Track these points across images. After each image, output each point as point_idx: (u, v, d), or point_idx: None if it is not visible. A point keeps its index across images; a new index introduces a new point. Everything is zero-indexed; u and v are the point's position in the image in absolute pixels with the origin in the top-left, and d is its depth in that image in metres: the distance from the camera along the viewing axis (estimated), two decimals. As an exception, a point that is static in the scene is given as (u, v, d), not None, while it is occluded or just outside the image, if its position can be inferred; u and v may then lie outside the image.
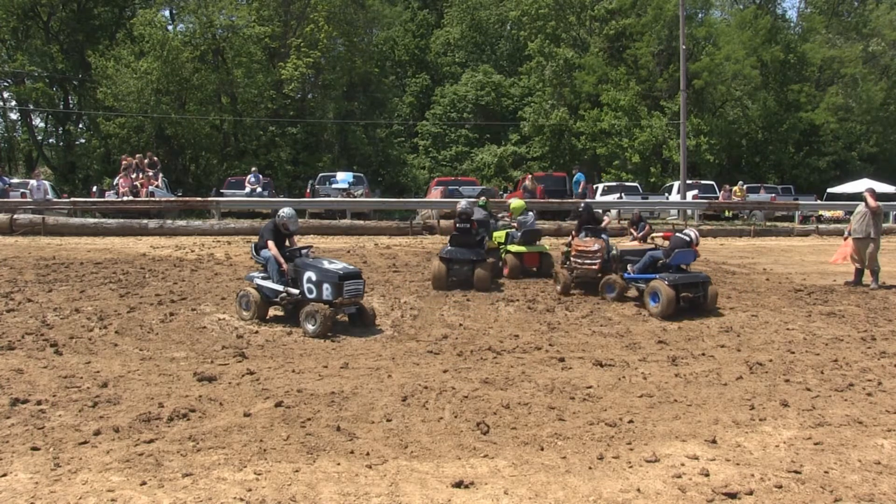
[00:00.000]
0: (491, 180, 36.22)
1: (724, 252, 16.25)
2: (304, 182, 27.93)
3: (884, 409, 5.43)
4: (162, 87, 30.32)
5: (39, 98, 32.69)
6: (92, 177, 31.74)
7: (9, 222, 17.32)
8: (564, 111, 35.80)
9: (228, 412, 5.16)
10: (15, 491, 3.83)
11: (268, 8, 33.80)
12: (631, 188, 27.54)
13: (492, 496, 3.87)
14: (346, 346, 7.37)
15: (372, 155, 36.41)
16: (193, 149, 32.96)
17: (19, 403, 5.25)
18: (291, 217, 8.58)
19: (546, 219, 22.49)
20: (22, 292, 9.65)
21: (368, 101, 38.09)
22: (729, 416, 5.22)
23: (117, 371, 6.21)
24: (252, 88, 32.27)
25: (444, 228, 18.38)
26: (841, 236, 13.63)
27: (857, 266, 11.46)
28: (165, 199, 21.26)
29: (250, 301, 8.38)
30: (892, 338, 7.88)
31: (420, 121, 41.36)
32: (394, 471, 4.17)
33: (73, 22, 33.88)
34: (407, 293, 10.22)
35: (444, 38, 45.04)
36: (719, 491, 3.94)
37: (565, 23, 37.40)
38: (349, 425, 4.90)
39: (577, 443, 4.67)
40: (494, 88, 40.31)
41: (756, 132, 34.75)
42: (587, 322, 8.65)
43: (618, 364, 6.70)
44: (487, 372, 6.35)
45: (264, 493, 3.84)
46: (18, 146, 36.62)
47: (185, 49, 30.79)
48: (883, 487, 4.04)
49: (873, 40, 35.21)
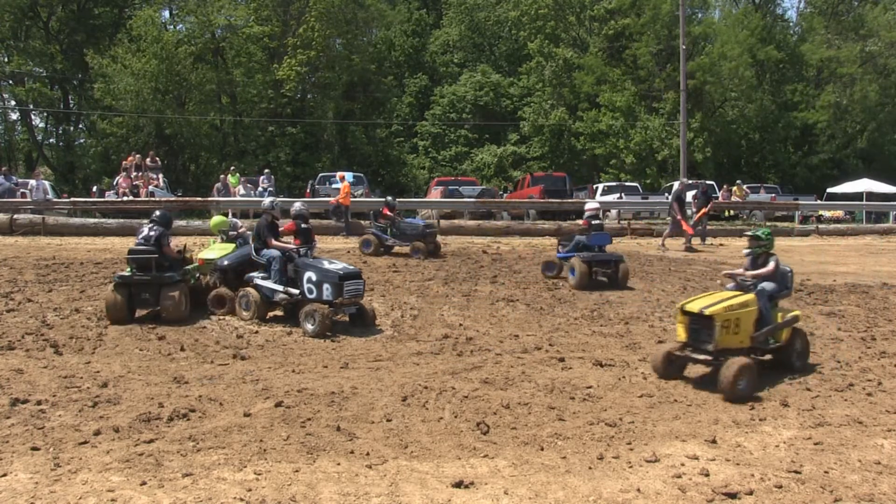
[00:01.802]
0: (491, 180, 36.20)
1: (724, 252, 16.24)
2: (304, 182, 27.91)
3: (884, 409, 5.43)
4: (161, 86, 30.29)
5: (38, 98, 32.68)
6: (91, 177, 31.73)
7: (9, 222, 17.31)
8: (564, 111, 35.81)
9: (228, 412, 5.16)
10: (15, 491, 3.83)
11: (266, 8, 33.78)
12: (631, 188, 27.55)
13: (492, 496, 3.87)
14: (346, 346, 7.37)
15: (372, 155, 36.37)
16: (193, 148, 32.92)
17: (19, 403, 5.25)
18: (279, 203, 9.07)
19: (546, 219, 22.53)
20: (22, 292, 9.64)
21: (368, 101, 38.04)
22: (729, 416, 5.22)
23: (117, 371, 6.21)
24: (251, 88, 32.24)
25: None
26: (841, 236, 13.65)
27: None
28: (165, 199, 21.26)
29: (250, 301, 8.38)
30: (892, 338, 7.88)
31: (419, 121, 41.34)
32: (394, 471, 4.17)
33: (72, 22, 33.87)
34: (407, 293, 10.22)
35: (442, 38, 45.03)
36: (719, 491, 3.94)
37: (565, 23, 37.40)
38: (349, 425, 4.90)
39: (577, 443, 4.67)
40: (493, 88, 40.28)
41: (754, 132, 34.77)
42: (587, 322, 8.65)
43: (618, 364, 6.70)
44: (487, 372, 6.35)
45: (264, 493, 3.84)
46: (18, 146, 36.60)
47: (181, 47, 30.76)
48: (883, 487, 4.05)
49: (871, 40, 35.22)
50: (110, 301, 8.12)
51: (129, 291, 8.20)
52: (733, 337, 5.91)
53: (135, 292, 8.23)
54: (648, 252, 16.05)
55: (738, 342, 5.97)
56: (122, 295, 8.13)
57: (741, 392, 5.54)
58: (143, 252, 8.29)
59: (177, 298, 8.12)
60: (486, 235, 19.09)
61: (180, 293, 8.19)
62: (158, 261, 8.24)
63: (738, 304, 6.01)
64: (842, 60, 34.44)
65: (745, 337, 6.01)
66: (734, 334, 5.92)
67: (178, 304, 8.13)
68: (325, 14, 32.65)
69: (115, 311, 8.08)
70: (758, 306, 6.13)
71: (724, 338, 5.84)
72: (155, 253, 8.25)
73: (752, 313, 6.06)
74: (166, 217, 8.91)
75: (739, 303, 6.03)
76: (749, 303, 6.08)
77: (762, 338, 6.12)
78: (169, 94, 31.06)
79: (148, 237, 8.42)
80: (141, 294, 8.23)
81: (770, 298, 6.34)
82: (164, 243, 8.43)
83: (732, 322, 5.88)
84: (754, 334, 6.05)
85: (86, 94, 33.73)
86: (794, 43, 36.40)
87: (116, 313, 8.07)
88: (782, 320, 6.31)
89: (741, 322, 5.96)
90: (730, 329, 5.87)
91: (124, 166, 22.98)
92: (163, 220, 8.71)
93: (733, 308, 5.95)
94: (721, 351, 5.83)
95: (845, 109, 34.30)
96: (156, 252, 8.26)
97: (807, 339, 6.66)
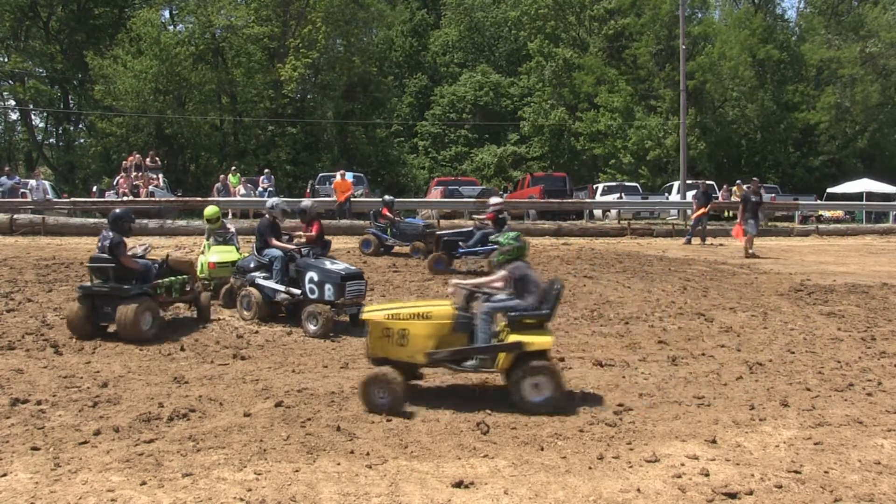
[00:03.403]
0: (491, 180, 36.21)
1: (724, 252, 16.25)
2: (304, 182, 27.91)
3: (884, 409, 5.43)
4: (161, 86, 30.31)
5: (38, 98, 32.68)
6: (91, 177, 31.73)
7: (9, 222, 17.31)
8: (563, 111, 35.82)
9: (228, 412, 5.16)
10: (15, 491, 3.83)
11: (266, 8, 33.80)
12: (631, 188, 27.56)
13: (492, 496, 3.87)
14: (346, 346, 7.37)
15: (372, 155, 36.39)
16: (193, 148, 32.95)
17: (19, 403, 5.25)
18: (279, 203, 8.96)
19: (546, 219, 22.55)
20: (22, 292, 9.65)
21: (368, 102, 38.05)
22: (729, 416, 5.22)
23: (117, 371, 6.21)
24: (251, 88, 32.25)
25: None
26: (841, 236, 13.64)
27: None
28: (165, 199, 21.26)
29: (251, 301, 8.38)
30: (892, 338, 7.88)
31: (419, 121, 41.34)
32: (394, 471, 4.17)
33: (72, 22, 33.89)
34: (407, 293, 10.22)
35: (442, 38, 45.04)
36: (719, 491, 3.94)
37: (565, 23, 37.43)
38: (349, 425, 4.90)
39: (577, 443, 4.67)
40: (493, 88, 40.30)
41: (754, 132, 34.79)
42: (587, 322, 8.65)
43: (618, 364, 6.70)
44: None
45: (264, 493, 3.84)
46: (18, 146, 36.60)
47: (181, 47, 30.77)
48: (883, 487, 4.04)
49: (871, 41, 35.23)
50: (71, 313, 7.40)
51: (93, 303, 7.42)
52: (399, 348, 5.36)
53: (98, 304, 7.41)
54: (648, 252, 16.06)
55: (407, 356, 5.36)
56: (85, 307, 7.37)
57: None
58: (101, 260, 7.44)
59: (128, 315, 7.08)
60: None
61: (136, 308, 7.15)
62: (117, 270, 7.40)
63: (408, 313, 5.40)
64: (842, 61, 34.44)
65: (417, 352, 5.34)
66: (399, 346, 5.35)
67: (132, 322, 7.09)
68: (326, 15, 32.68)
69: (76, 324, 7.34)
70: (453, 321, 5.39)
71: (383, 346, 5.38)
72: (112, 262, 7.38)
73: (432, 327, 5.34)
74: (119, 219, 7.67)
75: (413, 313, 5.39)
76: (437, 315, 5.39)
77: (445, 357, 5.36)
78: (169, 94, 31.08)
79: (103, 246, 7.48)
80: (104, 307, 7.38)
81: (506, 312, 5.45)
82: (120, 253, 7.38)
83: (396, 332, 5.34)
84: (430, 352, 5.32)
85: (86, 94, 33.73)
86: (794, 43, 36.39)
87: (77, 327, 7.33)
88: (500, 342, 5.37)
89: (408, 334, 5.32)
90: (392, 339, 5.34)
91: (124, 166, 22.99)
92: (115, 224, 7.58)
93: (400, 317, 5.38)
94: (381, 360, 5.39)
95: (846, 110, 34.31)
96: (112, 261, 7.38)
97: (559, 379, 5.30)
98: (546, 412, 5.14)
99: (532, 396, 5.23)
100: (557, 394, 5.24)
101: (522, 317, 5.41)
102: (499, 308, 5.48)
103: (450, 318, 5.40)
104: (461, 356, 5.38)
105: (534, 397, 5.22)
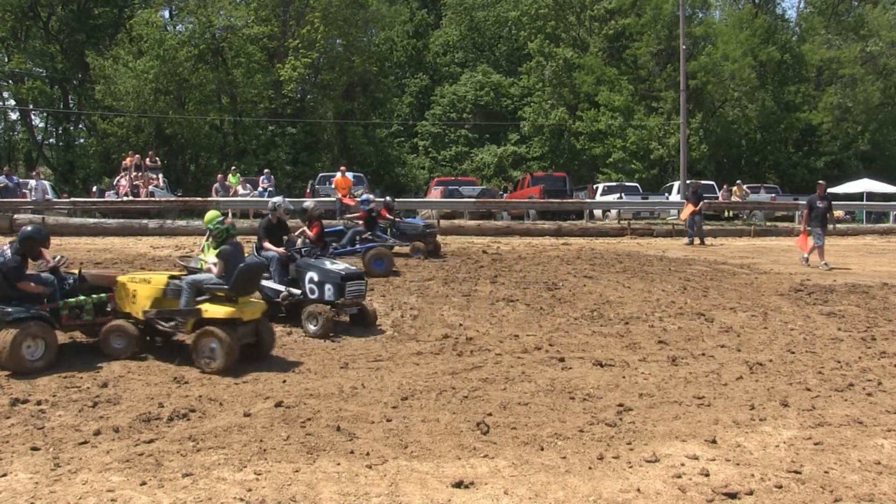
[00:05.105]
0: (491, 180, 36.21)
1: (725, 252, 16.24)
2: (304, 182, 27.90)
3: (884, 409, 5.43)
4: (161, 86, 30.31)
5: (38, 98, 32.67)
6: (91, 177, 31.73)
7: (9, 222, 17.31)
8: (564, 111, 35.81)
9: (228, 412, 5.16)
10: (15, 491, 3.83)
11: (266, 8, 33.80)
12: (631, 188, 27.55)
13: (492, 496, 3.87)
14: (346, 346, 7.37)
15: (372, 155, 36.38)
16: (193, 148, 32.95)
17: (19, 403, 5.25)
18: (282, 203, 8.89)
19: (546, 219, 22.55)
20: (22, 292, 9.63)
21: (368, 102, 38.05)
22: (729, 416, 5.22)
23: (117, 371, 6.20)
24: (251, 88, 32.24)
25: None
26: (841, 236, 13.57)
27: None
28: (165, 199, 21.26)
29: (250, 301, 8.37)
30: (892, 338, 7.87)
31: (420, 121, 41.34)
32: (394, 471, 4.17)
33: (72, 22, 33.88)
34: (407, 293, 10.21)
35: (442, 38, 45.03)
36: (719, 491, 3.94)
37: (565, 23, 37.40)
38: (349, 425, 4.90)
39: (577, 443, 4.67)
40: (494, 88, 40.29)
41: (755, 132, 34.79)
42: (587, 322, 8.64)
43: (618, 364, 6.70)
44: (487, 372, 6.35)
45: (264, 493, 3.84)
46: (18, 146, 36.60)
47: (182, 48, 30.78)
48: (883, 487, 4.04)
49: (871, 41, 35.23)
50: None
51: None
52: (131, 305, 6.72)
53: None
54: (648, 252, 16.05)
55: (134, 311, 6.71)
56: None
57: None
58: None
59: (4, 343, 5.86)
60: (485, 235, 19.10)
61: (16, 335, 5.89)
62: (4, 290, 6.14)
63: (140, 278, 6.87)
64: (842, 61, 34.44)
65: (138, 310, 6.67)
66: (132, 303, 6.72)
67: (8, 353, 5.85)
68: (325, 15, 32.68)
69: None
70: (165, 287, 6.68)
71: (123, 303, 6.78)
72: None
73: (150, 290, 6.69)
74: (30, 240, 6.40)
75: (141, 278, 6.87)
76: (154, 282, 6.74)
77: (154, 315, 6.64)
78: (169, 94, 31.08)
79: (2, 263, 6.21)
80: None
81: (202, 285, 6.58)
82: (16, 277, 6.18)
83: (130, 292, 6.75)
84: (146, 310, 6.64)
85: (86, 94, 33.74)
86: (795, 43, 36.39)
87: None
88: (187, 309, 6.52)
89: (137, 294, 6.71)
90: (128, 297, 6.74)
91: (124, 166, 22.99)
92: (23, 243, 6.34)
93: (134, 280, 6.83)
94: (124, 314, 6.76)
95: (847, 110, 34.31)
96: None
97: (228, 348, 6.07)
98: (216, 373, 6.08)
99: (205, 360, 6.20)
100: (228, 361, 6.12)
101: (211, 290, 6.55)
102: (197, 280, 6.62)
103: (163, 285, 6.69)
104: (166, 317, 6.62)
105: (207, 361, 6.19)
